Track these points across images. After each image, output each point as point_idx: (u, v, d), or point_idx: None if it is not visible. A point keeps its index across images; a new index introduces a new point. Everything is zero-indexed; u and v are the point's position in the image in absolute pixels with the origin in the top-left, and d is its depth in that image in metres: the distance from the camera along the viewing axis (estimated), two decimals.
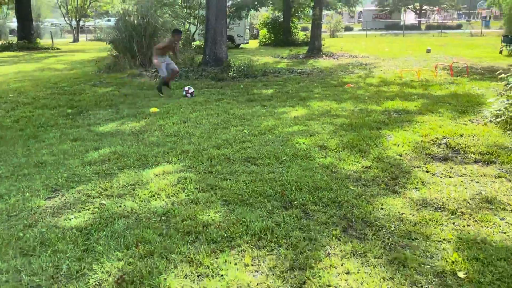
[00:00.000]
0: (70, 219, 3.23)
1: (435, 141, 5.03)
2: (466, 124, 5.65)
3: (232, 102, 7.89)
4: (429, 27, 45.29)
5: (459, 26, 44.72)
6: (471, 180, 3.88)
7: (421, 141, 5.03)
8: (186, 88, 8.63)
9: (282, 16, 26.13)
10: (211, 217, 3.20)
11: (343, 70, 12.45)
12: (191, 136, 5.48)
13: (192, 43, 20.74)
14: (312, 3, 18.83)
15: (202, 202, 3.47)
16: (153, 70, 11.79)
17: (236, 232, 2.96)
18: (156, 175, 4.09)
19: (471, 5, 58.61)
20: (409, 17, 52.89)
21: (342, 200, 3.50)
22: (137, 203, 3.48)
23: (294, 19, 26.88)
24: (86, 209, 3.39)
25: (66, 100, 8.28)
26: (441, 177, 3.99)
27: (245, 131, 5.68)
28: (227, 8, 12.32)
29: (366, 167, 4.28)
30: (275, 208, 3.35)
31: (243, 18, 22.06)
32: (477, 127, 5.44)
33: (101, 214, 3.28)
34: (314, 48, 16.93)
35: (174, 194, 3.63)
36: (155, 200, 3.54)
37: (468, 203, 3.39)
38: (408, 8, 50.72)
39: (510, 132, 5.13)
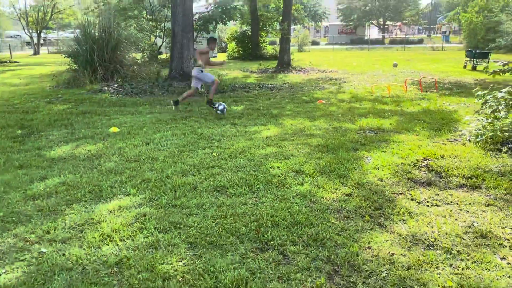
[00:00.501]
0: None
1: (415, 163, 4.74)
2: (445, 144, 5.43)
3: (200, 120, 7.42)
4: (393, 42, 46.60)
5: (420, 41, 46.30)
6: (460, 209, 3.57)
7: (401, 163, 4.73)
8: (216, 104, 7.89)
9: (251, 30, 25.99)
10: (173, 267, 2.71)
11: (313, 85, 12.25)
12: (153, 161, 4.96)
13: (159, 56, 20.17)
14: (280, 18, 18.68)
15: (163, 246, 2.97)
16: (115, 85, 11.16)
17: (204, 286, 2.48)
18: (110, 212, 3.55)
19: (431, 21, 61.01)
20: (373, 32, 54.43)
21: (324, 237, 3.10)
22: (84, 249, 2.93)
23: (262, 33, 26.78)
24: (21, 260, 2.81)
25: (16, 120, 7.54)
26: (427, 205, 3.67)
27: (214, 154, 5.21)
28: (193, 22, 11.87)
29: (347, 194, 3.92)
30: (249, 251, 2.90)
31: (212, 31, 21.73)
32: (457, 148, 5.22)
33: (39, 266, 2.71)
34: (284, 62, 16.74)
35: (130, 237, 3.11)
36: (107, 245, 3.00)
37: (463, 238, 3.06)
38: (372, 23, 52.17)
39: (491, 152, 4.93)
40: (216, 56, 26.61)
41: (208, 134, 6.29)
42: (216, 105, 7.81)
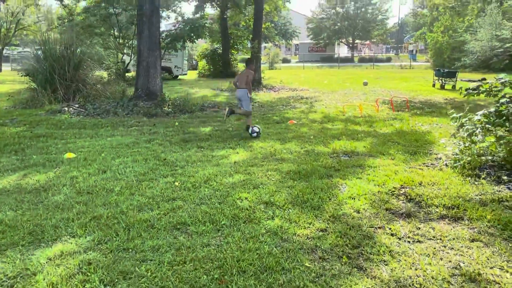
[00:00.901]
0: None
1: (393, 191, 4.46)
2: (422, 169, 5.19)
3: (164, 144, 6.95)
4: (362, 60, 47.60)
5: (389, 59, 47.52)
6: (444, 246, 3.27)
7: (378, 192, 4.43)
8: (256, 129, 7.48)
9: (221, 48, 25.81)
10: None
11: (284, 104, 12.02)
12: (108, 193, 4.46)
13: (127, 74, 19.57)
14: (250, 36, 18.56)
15: None
16: (77, 106, 10.54)
17: None
18: (50, 260, 3.04)
19: (398, 40, 62.97)
20: (342, 50, 55.53)
21: (297, 285, 2.71)
22: None
23: (233, 51, 26.67)
24: None
25: None
26: (409, 242, 3.36)
27: (176, 183, 4.77)
28: (161, 39, 11.48)
29: (322, 230, 3.56)
30: None
31: (180, 49, 21.44)
32: (435, 173, 4.98)
33: None
34: (254, 80, 16.52)
35: None
36: None
37: (450, 283, 2.74)
38: (341, 41, 53.25)
39: (469, 178, 4.71)
40: (186, 74, 26.22)
41: (171, 159, 5.84)
42: (250, 130, 7.49)
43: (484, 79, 16.72)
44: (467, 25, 30.28)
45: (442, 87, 16.26)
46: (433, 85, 16.90)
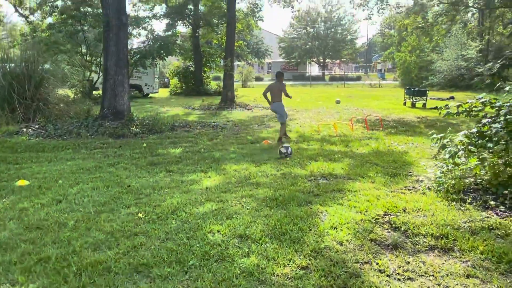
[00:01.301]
0: None
1: (376, 219, 4.14)
2: (404, 193, 4.93)
3: (130, 168, 6.45)
4: (333, 78, 48.42)
5: (358, 78, 48.53)
6: (438, 285, 2.95)
7: (361, 220, 4.11)
8: (283, 149, 7.08)
9: (193, 66, 25.50)
10: None
11: (258, 123, 11.71)
12: (61, 228, 3.93)
13: (94, 92, 18.87)
14: (223, 54, 18.30)
15: None
16: (36, 126, 9.86)
17: None
18: None
19: (367, 59, 64.63)
20: (313, 69, 56.33)
21: None
22: None
23: (205, 69, 26.40)
24: None
25: None
26: (399, 279, 3.02)
27: (140, 214, 4.29)
28: (129, 56, 11.02)
29: (303, 268, 3.18)
30: None
31: (149, 67, 21.01)
32: (418, 198, 4.72)
33: None
34: (227, 98, 16.22)
35: None
36: None
37: None
38: (312, 60, 54.09)
39: (455, 203, 4.47)
40: (157, 92, 25.66)
41: (136, 186, 5.35)
42: (283, 150, 7.07)
43: (453, 97, 17.12)
44: (433, 45, 31.27)
45: (413, 105, 16.44)
46: (404, 104, 17.07)
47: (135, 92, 21.23)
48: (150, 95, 24.26)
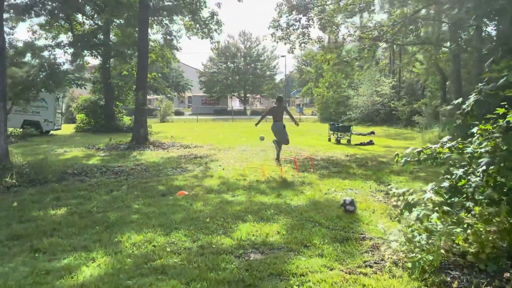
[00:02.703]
0: None
1: None
2: (367, 275, 3.61)
3: None
4: (254, 113, 48.32)
5: None
6: None
7: None
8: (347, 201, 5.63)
9: (103, 99, 23.09)
10: None
11: (174, 166, 10.00)
12: None
13: None
14: (134, 87, 16.32)
15: None
16: None
17: None
18: None
19: (286, 94, 66.21)
20: (235, 103, 56.04)
21: None
22: None
23: (118, 103, 24.09)
24: None
25: None
26: None
27: None
28: (7, 88, 8.81)
29: None
30: None
31: (48, 100, 18.36)
32: (387, 284, 3.42)
33: None
34: (140, 136, 14.25)
35: None
36: None
37: None
38: (233, 95, 53.81)
39: None
40: (60, 129, 22.58)
41: None
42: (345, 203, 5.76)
43: (373, 132, 16.91)
44: (349, 81, 32.39)
45: (338, 141, 15.95)
46: (329, 140, 16.54)
47: (30, 130, 18.22)
48: (51, 132, 21.21)
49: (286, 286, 3.39)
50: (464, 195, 3.65)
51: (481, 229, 3.52)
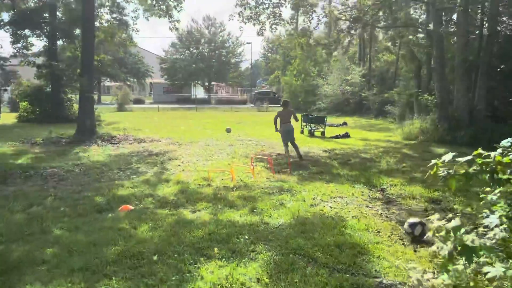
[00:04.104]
0: None
1: None
2: None
3: None
4: (219, 102, 46.49)
5: (245, 101, 47.43)
6: None
7: None
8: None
9: (50, 86, 20.57)
10: None
11: (122, 167, 8.23)
12: None
13: None
14: (78, 71, 13.92)
15: None
16: None
17: None
18: None
19: (252, 82, 64.58)
20: (199, 92, 53.72)
21: None
22: None
23: (67, 90, 21.60)
24: None
25: None
26: None
27: None
28: None
29: None
30: None
31: None
32: None
33: None
34: (85, 129, 12.21)
35: None
36: None
37: None
38: (197, 83, 51.46)
39: None
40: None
41: None
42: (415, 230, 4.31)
43: (345, 123, 15.63)
44: (318, 69, 31.19)
45: (312, 134, 14.61)
46: (301, 132, 15.16)
47: None
48: None
49: None
50: None
51: None
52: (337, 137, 13.95)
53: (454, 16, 14.43)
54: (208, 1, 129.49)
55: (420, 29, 14.20)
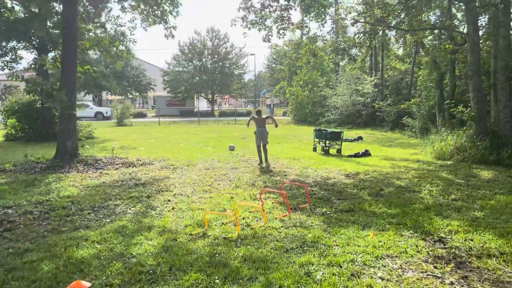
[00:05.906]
0: None
1: None
2: None
3: None
4: (223, 114, 44.93)
5: (249, 113, 45.81)
6: None
7: None
8: None
9: (40, 102, 19.05)
10: None
11: (95, 205, 6.48)
12: None
13: None
14: (58, 84, 12.00)
15: None
16: None
17: None
18: None
19: (256, 94, 63.15)
20: (202, 104, 52.22)
21: None
22: None
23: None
24: None
25: None
26: None
27: None
28: None
29: None
30: None
31: None
32: None
33: None
34: (65, 151, 10.50)
35: None
36: None
37: None
38: (200, 95, 49.99)
39: None
40: None
41: None
42: None
43: (361, 137, 13.66)
44: (326, 79, 29.54)
45: (326, 152, 12.83)
46: (314, 149, 13.40)
47: None
48: None
49: None
50: None
51: None
52: (356, 155, 12.16)
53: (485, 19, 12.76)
54: (212, 15, 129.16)
55: (456, 32, 12.46)
